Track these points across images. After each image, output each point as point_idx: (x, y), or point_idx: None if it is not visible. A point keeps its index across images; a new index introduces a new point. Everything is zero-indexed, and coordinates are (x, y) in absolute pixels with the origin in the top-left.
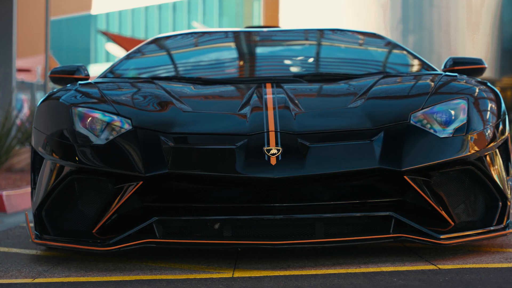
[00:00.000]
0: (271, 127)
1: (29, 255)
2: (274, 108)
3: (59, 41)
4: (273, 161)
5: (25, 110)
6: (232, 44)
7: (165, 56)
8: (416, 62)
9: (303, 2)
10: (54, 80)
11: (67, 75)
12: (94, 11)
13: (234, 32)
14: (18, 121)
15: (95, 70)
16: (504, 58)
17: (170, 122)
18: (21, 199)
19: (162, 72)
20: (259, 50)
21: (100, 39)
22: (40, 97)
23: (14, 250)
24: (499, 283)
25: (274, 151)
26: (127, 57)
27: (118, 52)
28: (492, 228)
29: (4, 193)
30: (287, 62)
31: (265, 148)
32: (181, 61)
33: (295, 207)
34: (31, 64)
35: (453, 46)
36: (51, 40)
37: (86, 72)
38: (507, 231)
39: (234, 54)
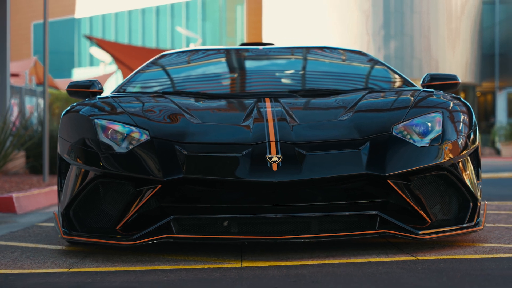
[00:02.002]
0: (272, 137)
1: (56, 249)
2: (273, 120)
3: (43, 45)
4: (274, 167)
5: (16, 114)
6: (232, 61)
7: (172, 71)
8: (396, 77)
9: (287, 7)
10: (71, 93)
11: (83, 89)
12: (77, 15)
13: (233, 50)
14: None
15: (79, 73)
16: (484, 63)
17: (183, 132)
18: (28, 201)
19: (170, 86)
20: (257, 66)
21: (84, 43)
22: (29, 101)
23: (40, 245)
24: (467, 270)
25: (275, 158)
26: (137, 73)
27: (102, 56)
28: (464, 225)
29: (14, 195)
30: (282, 78)
31: (267, 156)
32: (186, 76)
33: (293, 207)
34: (19, 69)
35: (433, 51)
36: (35, 44)
37: (99, 86)
38: (477, 228)
39: (234, 70)
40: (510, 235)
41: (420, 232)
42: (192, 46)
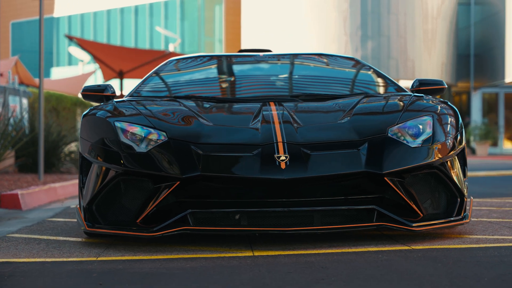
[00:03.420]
0: (279, 138)
1: (77, 241)
2: (279, 123)
3: (21, 44)
4: (282, 165)
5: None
6: (236, 67)
7: (180, 76)
8: (388, 82)
9: (265, 7)
10: (85, 96)
11: (97, 93)
12: (56, 14)
13: (236, 56)
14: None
15: (57, 73)
16: (459, 63)
17: (197, 134)
18: (31, 198)
19: (179, 91)
20: (259, 72)
21: (62, 42)
22: (12, 100)
23: (61, 238)
24: (458, 257)
25: (283, 157)
26: (148, 78)
27: (81, 55)
28: (452, 218)
29: (19, 192)
30: (283, 83)
31: (275, 156)
32: (193, 81)
33: (299, 201)
34: (1, 68)
35: (410, 52)
36: (13, 43)
37: (112, 90)
38: (464, 221)
39: (238, 75)
40: (493, 228)
41: (414, 225)
42: (171, 46)
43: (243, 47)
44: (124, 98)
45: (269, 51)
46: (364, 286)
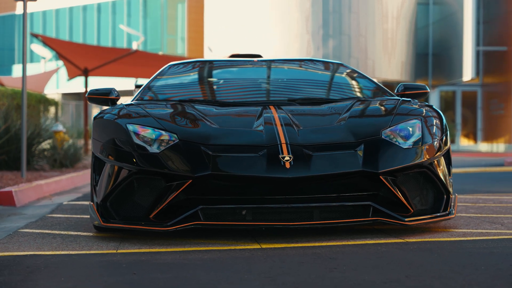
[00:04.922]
0: (283, 140)
1: (90, 236)
2: (281, 125)
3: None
4: (287, 165)
5: None
6: (233, 72)
7: (181, 80)
8: (376, 86)
9: (228, 6)
10: (91, 99)
11: (102, 96)
12: (18, 11)
13: (232, 61)
14: None
15: (19, 70)
16: (418, 62)
17: (206, 135)
18: (23, 194)
19: (182, 94)
20: (257, 76)
21: None
22: None
23: (72, 232)
24: (451, 249)
25: (287, 158)
26: (151, 82)
27: (43, 52)
28: (439, 214)
29: (13, 189)
30: (279, 87)
31: (280, 156)
32: (194, 85)
33: (300, 198)
34: None
35: (370, 51)
36: None
37: (116, 93)
38: (449, 216)
39: (236, 80)
40: (475, 223)
41: (406, 219)
42: (134, 44)
43: (206, 46)
44: (131, 102)
45: (260, 56)
46: (374, 273)
